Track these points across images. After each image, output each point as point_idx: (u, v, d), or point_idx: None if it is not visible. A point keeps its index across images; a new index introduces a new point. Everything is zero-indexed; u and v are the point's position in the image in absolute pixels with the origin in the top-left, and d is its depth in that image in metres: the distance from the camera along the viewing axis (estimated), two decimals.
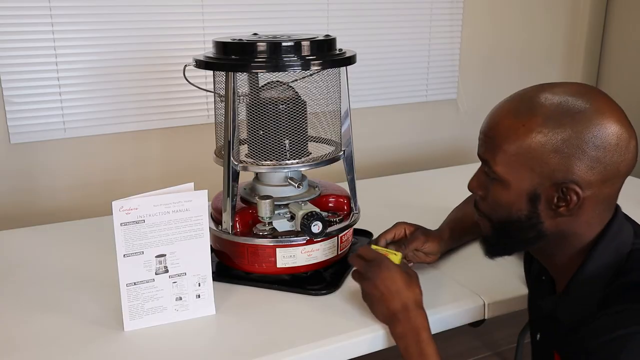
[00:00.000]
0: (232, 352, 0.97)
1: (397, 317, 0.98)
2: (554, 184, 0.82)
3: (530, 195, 0.84)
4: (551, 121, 0.81)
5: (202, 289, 1.06)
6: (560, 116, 0.81)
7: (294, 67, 1.08)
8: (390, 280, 0.99)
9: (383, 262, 1.01)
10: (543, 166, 0.82)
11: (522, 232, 0.88)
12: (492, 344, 2.14)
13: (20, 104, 1.69)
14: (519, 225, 0.87)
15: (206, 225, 1.05)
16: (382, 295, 0.99)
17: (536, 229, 0.87)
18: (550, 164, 0.81)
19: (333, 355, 1.00)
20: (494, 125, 0.87)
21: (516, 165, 0.84)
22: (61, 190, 1.80)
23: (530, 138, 0.82)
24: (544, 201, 0.84)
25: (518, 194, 0.85)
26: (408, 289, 0.99)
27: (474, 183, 0.94)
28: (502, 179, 0.86)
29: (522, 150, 0.83)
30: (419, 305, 0.99)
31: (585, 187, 0.81)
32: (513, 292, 1.15)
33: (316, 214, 1.09)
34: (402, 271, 1.01)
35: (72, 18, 1.70)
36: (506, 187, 0.86)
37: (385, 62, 2.18)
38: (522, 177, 0.84)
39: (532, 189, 0.84)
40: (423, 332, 0.95)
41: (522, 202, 0.85)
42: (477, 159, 0.91)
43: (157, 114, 1.86)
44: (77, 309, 1.09)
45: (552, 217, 0.85)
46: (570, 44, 2.55)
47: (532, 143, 0.82)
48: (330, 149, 1.21)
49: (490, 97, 2.43)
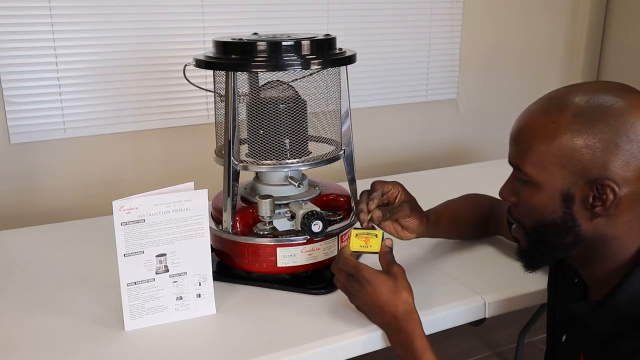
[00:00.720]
0: (233, 352, 0.97)
1: (389, 327, 0.97)
2: (588, 182, 0.79)
3: (564, 195, 0.81)
4: (582, 117, 0.78)
5: (202, 288, 1.06)
6: (591, 111, 0.78)
7: (294, 66, 1.08)
8: (374, 295, 0.96)
9: (363, 276, 0.97)
10: (576, 164, 0.79)
11: (559, 237, 0.84)
12: (492, 344, 2.14)
13: (20, 104, 1.69)
14: (554, 230, 0.84)
15: (206, 224, 1.05)
16: (369, 309, 0.98)
17: (573, 233, 0.83)
18: (583, 160, 0.78)
19: (333, 354, 1.00)
20: (523, 127, 0.84)
21: (547, 165, 0.81)
22: (61, 190, 1.80)
23: (560, 135, 0.79)
24: (578, 201, 0.80)
25: (551, 195, 0.82)
26: (395, 297, 0.96)
27: (506, 190, 0.90)
28: (534, 180, 0.83)
29: (553, 148, 0.80)
30: (409, 312, 0.96)
31: (622, 184, 0.77)
32: (513, 292, 1.15)
33: (316, 214, 1.09)
34: (384, 279, 0.97)
35: (72, 18, 1.70)
36: (538, 189, 0.83)
37: (385, 62, 2.18)
38: (554, 176, 0.81)
39: (565, 188, 0.80)
40: (416, 340, 0.93)
41: (555, 203, 0.82)
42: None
43: (157, 114, 1.86)
44: (77, 309, 1.09)
45: (589, 218, 0.81)
46: (570, 44, 2.55)
47: (563, 140, 0.79)
48: (330, 149, 1.21)
49: (490, 97, 2.45)
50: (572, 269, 0.94)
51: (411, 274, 1.16)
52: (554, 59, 2.54)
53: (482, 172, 1.90)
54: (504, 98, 2.45)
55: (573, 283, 0.95)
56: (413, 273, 1.17)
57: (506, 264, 1.24)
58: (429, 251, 1.30)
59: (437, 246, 1.32)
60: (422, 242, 1.33)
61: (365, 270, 0.98)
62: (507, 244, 1.26)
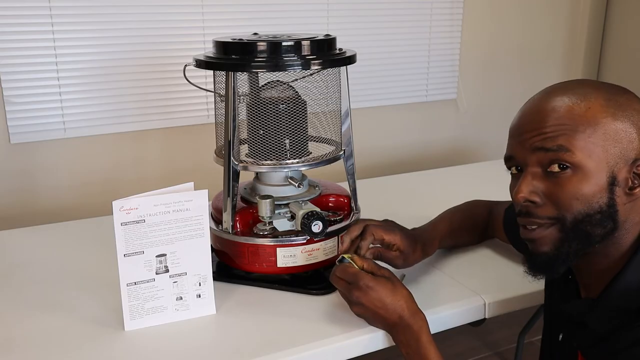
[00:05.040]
0: (233, 352, 0.97)
1: (395, 328, 0.97)
2: (627, 165, 0.79)
3: (610, 179, 0.79)
4: (612, 102, 0.80)
5: (202, 288, 1.06)
6: (615, 96, 0.81)
7: (294, 66, 1.08)
8: (378, 300, 0.96)
9: (364, 283, 0.97)
10: (617, 146, 0.79)
11: (602, 226, 0.80)
12: (492, 344, 2.14)
13: (20, 104, 1.69)
14: (599, 218, 0.80)
15: (206, 224, 1.05)
16: (374, 314, 0.98)
17: (613, 220, 0.80)
18: (623, 142, 0.79)
19: (333, 355, 1.00)
20: (552, 113, 0.81)
21: (594, 148, 0.79)
22: (61, 190, 1.80)
23: (600, 119, 0.79)
24: (620, 185, 0.80)
25: (597, 182, 0.79)
26: (396, 298, 0.96)
27: (526, 190, 0.83)
28: (582, 165, 0.79)
29: (598, 132, 0.79)
30: (413, 310, 0.96)
31: None
32: (513, 292, 1.15)
33: (316, 214, 1.09)
34: (384, 282, 0.97)
35: (72, 18, 1.70)
36: (585, 176, 0.79)
37: (385, 62, 2.18)
38: (601, 161, 0.79)
39: (610, 172, 0.79)
40: (423, 336, 0.94)
41: (602, 189, 0.80)
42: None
43: (157, 114, 1.86)
44: (77, 309, 1.09)
45: (624, 202, 0.80)
46: (570, 43, 2.55)
47: (604, 124, 0.79)
48: (330, 149, 1.21)
49: (490, 97, 2.45)
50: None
51: (411, 274, 1.17)
52: (554, 59, 2.54)
53: (482, 172, 1.91)
54: (504, 98, 2.45)
55: (567, 280, 0.95)
56: (413, 273, 1.18)
57: (506, 264, 1.24)
58: None
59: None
60: None
61: (366, 276, 0.98)
62: (507, 245, 1.26)
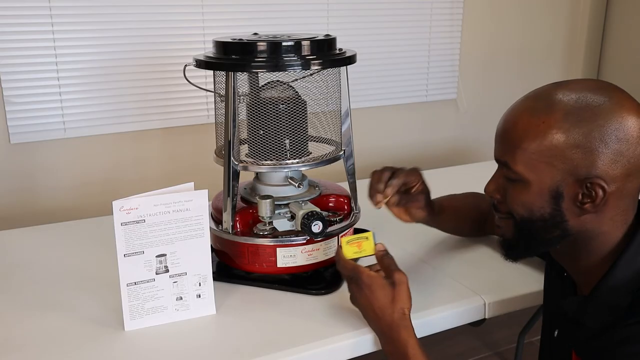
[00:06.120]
0: (233, 352, 0.97)
1: (383, 335, 0.96)
2: (577, 180, 0.80)
3: (553, 193, 0.82)
4: (571, 116, 0.79)
5: (202, 288, 1.06)
6: (580, 111, 0.79)
7: (294, 66, 1.08)
8: (371, 300, 0.96)
9: (361, 280, 0.96)
10: (565, 162, 0.80)
11: (546, 232, 0.85)
12: (492, 344, 2.14)
13: (20, 104, 1.69)
14: (542, 225, 0.85)
15: (206, 225, 1.05)
16: (366, 312, 0.98)
17: (560, 228, 0.84)
18: (573, 159, 0.79)
19: (333, 355, 1.00)
20: (511, 125, 0.85)
21: (537, 164, 0.82)
22: (61, 190, 1.80)
23: (551, 135, 0.80)
24: (567, 198, 0.82)
25: (540, 193, 0.83)
26: (391, 305, 0.94)
27: (492, 187, 0.92)
28: (524, 178, 0.84)
29: (543, 147, 0.81)
30: (403, 322, 0.94)
31: (610, 182, 0.79)
32: (513, 292, 1.15)
33: (316, 214, 1.09)
34: (383, 284, 0.96)
35: (72, 18, 1.70)
36: (527, 187, 0.84)
37: (385, 62, 2.18)
38: (544, 175, 0.82)
39: (554, 186, 0.82)
40: (409, 350, 0.92)
41: (544, 200, 0.83)
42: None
43: (157, 114, 1.86)
44: (77, 309, 1.09)
45: (577, 214, 0.83)
46: (570, 43, 2.55)
47: (554, 139, 0.80)
48: (330, 149, 1.21)
49: (490, 97, 2.45)
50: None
51: (411, 274, 1.16)
52: (554, 59, 2.54)
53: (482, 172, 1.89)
54: (504, 98, 2.43)
55: (563, 277, 0.96)
56: (413, 273, 1.17)
57: (506, 264, 1.23)
58: (429, 251, 1.30)
59: (437, 246, 1.32)
60: (422, 242, 1.33)
61: (364, 273, 0.97)
62: None
